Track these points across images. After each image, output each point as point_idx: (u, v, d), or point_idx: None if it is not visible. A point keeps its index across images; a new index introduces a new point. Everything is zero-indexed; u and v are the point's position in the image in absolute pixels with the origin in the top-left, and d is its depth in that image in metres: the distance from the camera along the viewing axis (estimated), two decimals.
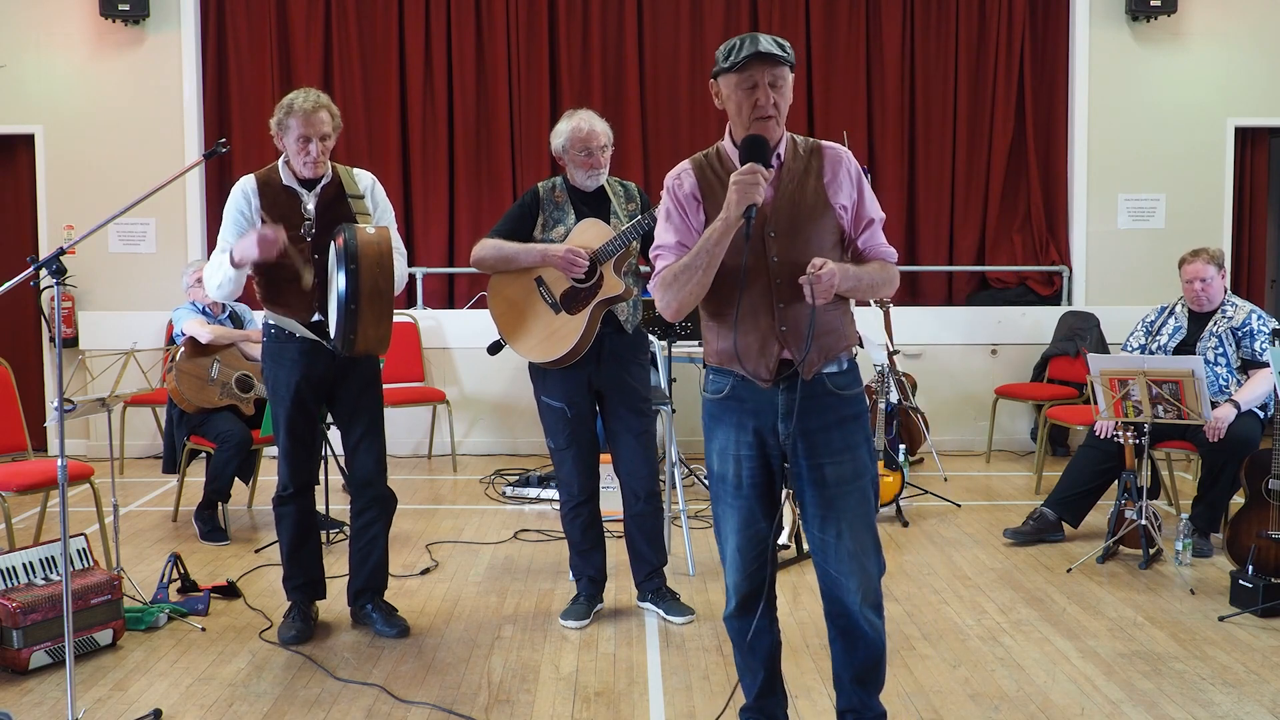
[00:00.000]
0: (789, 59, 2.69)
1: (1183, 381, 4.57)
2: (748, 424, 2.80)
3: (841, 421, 2.78)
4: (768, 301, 2.74)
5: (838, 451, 2.77)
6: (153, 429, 7.31)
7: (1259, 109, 7.83)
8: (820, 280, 2.62)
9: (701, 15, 7.87)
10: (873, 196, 2.85)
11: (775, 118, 2.71)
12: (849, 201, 2.79)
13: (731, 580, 2.90)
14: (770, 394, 2.77)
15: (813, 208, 2.75)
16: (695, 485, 6.39)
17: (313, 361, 3.91)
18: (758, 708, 3.01)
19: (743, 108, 2.70)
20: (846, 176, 2.79)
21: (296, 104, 3.81)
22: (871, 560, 2.81)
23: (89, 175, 7.55)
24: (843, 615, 2.84)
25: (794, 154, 2.79)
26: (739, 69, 2.68)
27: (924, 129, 7.92)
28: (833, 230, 2.77)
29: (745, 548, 2.85)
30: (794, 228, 2.74)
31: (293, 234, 3.85)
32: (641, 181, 7.62)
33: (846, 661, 2.90)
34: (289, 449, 3.99)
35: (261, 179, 3.92)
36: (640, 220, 3.91)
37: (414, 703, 3.47)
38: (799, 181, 2.76)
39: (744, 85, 2.69)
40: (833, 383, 2.78)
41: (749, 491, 2.82)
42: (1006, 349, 7.70)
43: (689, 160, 2.88)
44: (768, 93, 2.67)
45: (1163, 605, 4.35)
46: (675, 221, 2.83)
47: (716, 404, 2.87)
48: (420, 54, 7.79)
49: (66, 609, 3.15)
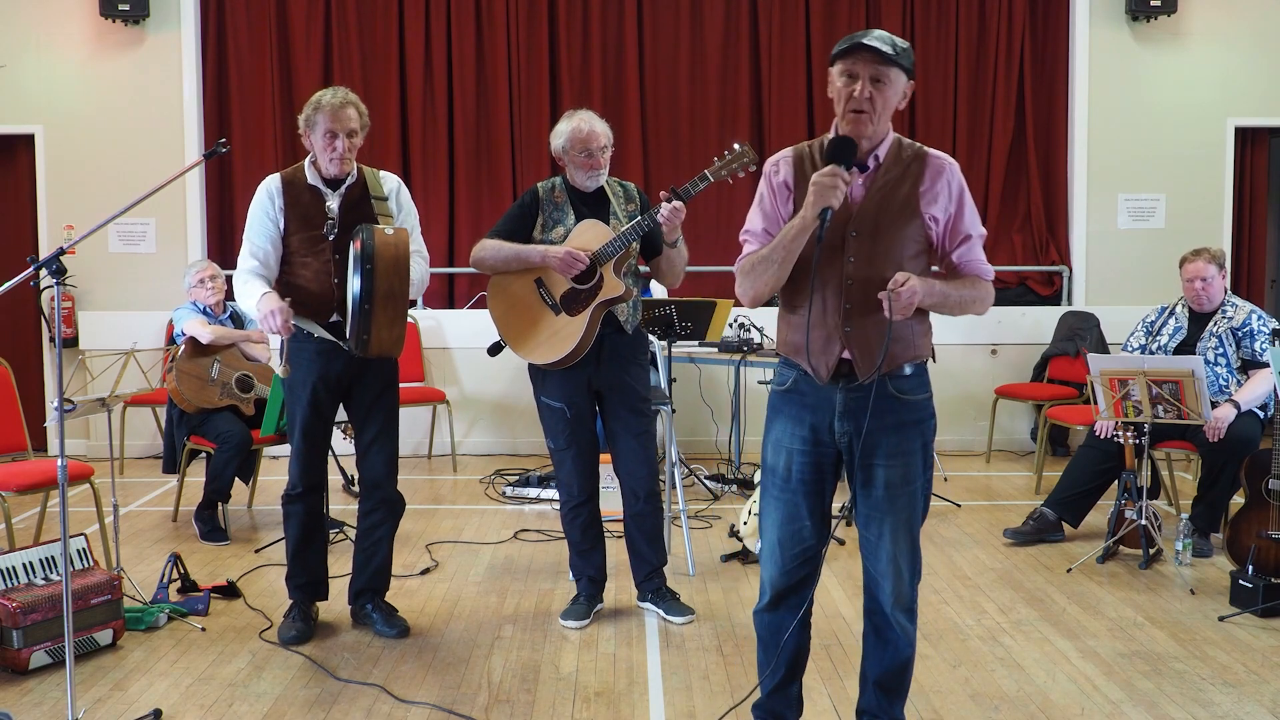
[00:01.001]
0: (899, 60, 2.64)
1: (1183, 381, 4.57)
2: (805, 418, 2.79)
3: (900, 426, 2.75)
4: (838, 301, 2.72)
5: (890, 455, 2.75)
6: (153, 429, 7.32)
7: (1259, 109, 7.83)
8: (899, 297, 2.59)
9: (701, 15, 7.87)
10: (974, 212, 2.79)
11: (870, 114, 2.65)
12: (943, 214, 2.74)
13: (767, 574, 2.88)
14: (830, 391, 2.76)
15: (899, 214, 2.71)
16: (695, 485, 6.39)
17: (330, 362, 3.91)
18: (768, 705, 3.00)
19: (840, 98, 2.67)
20: (946, 188, 2.73)
21: (324, 100, 3.82)
22: (907, 565, 2.81)
23: (89, 175, 7.56)
24: (877, 613, 2.86)
25: (896, 157, 2.74)
26: (842, 56, 2.65)
27: (924, 129, 7.92)
28: (917, 240, 2.73)
29: (785, 542, 2.83)
30: (876, 231, 2.70)
31: (315, 234, 3.86)
32: (641, 182, 7.62)
33: (874, 661, 2.92)
34: (302, 450, 3.99)
35: (286, 178, 3.92)
36: (639, 222, 3.91)
37: (414, 703, 3.47)
38: (892, 186, 2.72)
39: (844, 74, 2.66)
40: (895, 386, 2.74)
41: (797, 486, 2.81)
42: (1006, 349, 7.70)
43: (791, 148, 2.85)
44: (865, 86, 2.63)
45: (1163, 605, 4.35)
46: (765, 207, 2.82)
47: (779, 395, 2.85)
48: (420, 54, 7.80)
49: (66, 609, 3.14)
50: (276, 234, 3.87)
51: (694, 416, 7.37)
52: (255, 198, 3.90)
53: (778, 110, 7.89)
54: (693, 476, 6.49)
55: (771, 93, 7.89)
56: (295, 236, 3.87)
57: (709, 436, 7.37)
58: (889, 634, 2.86)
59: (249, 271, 3.83)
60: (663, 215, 3.82)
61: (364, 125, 3.91)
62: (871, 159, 2.72)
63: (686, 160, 7.86)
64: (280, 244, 3.88)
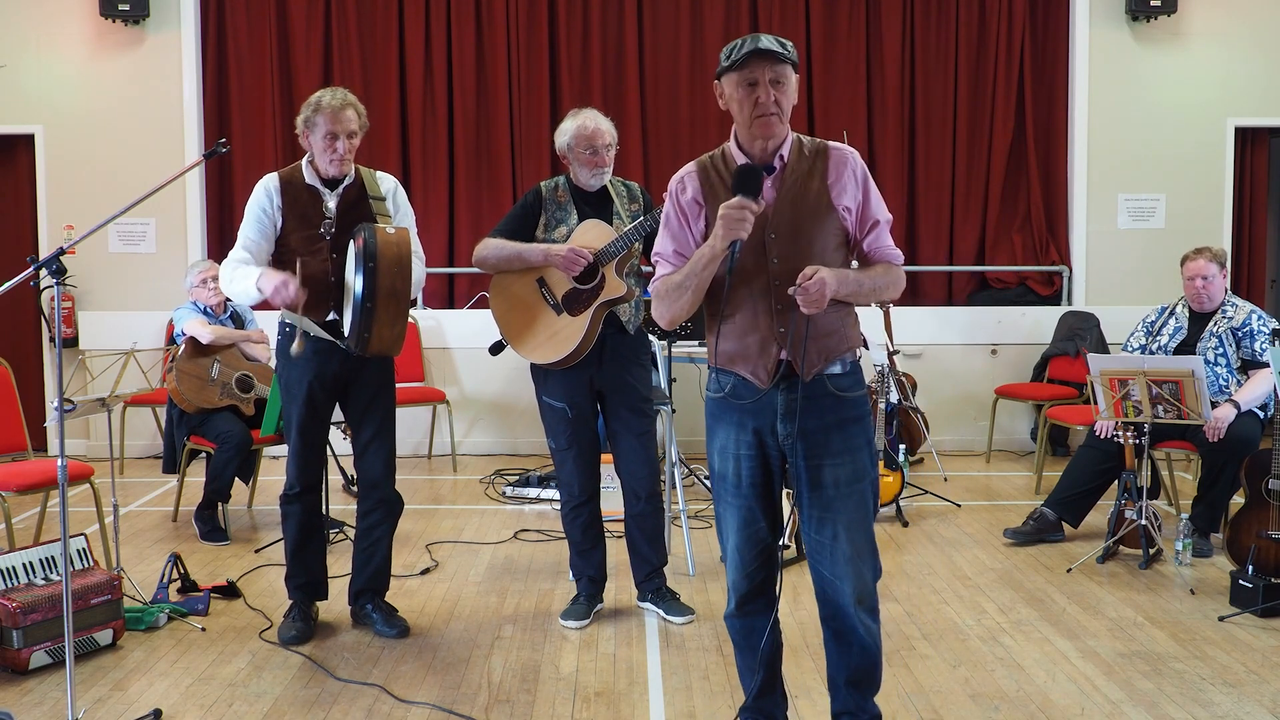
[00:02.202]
0: (791, 58, 2.68)
1: (1183, 381, 4.57)
2: (748, 423, 2.80)
3: (841, 423, 2.77)
4: (767, 303, 2.73)
5: (836, 453, 2.76)
6: (153, 429, 7.31)
7: (1259, 109, 7.83)
8: (808, 291, 2.60)
9: (701, 15, 7.87)
10: (879, 198, 2.82)
11: (778, 115, 2.69)
12: (853, 203, 2.77)
13: (731, 579, 2.90)
14: (770, 394, 2.76)
15: (814, 209, 2.74)
16: (695, 485, 6.39)
17: (326, 361, 3.91)
18: (756, 708, 3.01)
19: (744, 106, 2.69)
20: (852, 178, 2.76)
21: (324, 101, 3.83)
22: (867, 564, 2.80)
23: (89, 175, 7.55)
24: (837, 618, 2.84)
25: (799, 155, 2.77)
26: (739, 67, 2.67)
27: (924, 129, 7.92)
28: (835, 232, 2.76)
29: (744, 547, 2.85)
30: (795, 230, 2.72)
31: (313, 233, 3.86)
32: (641, 181, 7.60)
33: (841, 664, 2.90)
34: (299, 449, 3.99)
35: (284, 177, 3.92)
36: (642, 222, 3.91)
37: (414, 703, 3.47)
38: (802, 183, 2.75)
39: (745, 83, 2.68)
40: (834, 384, 2.76)
41: (748, 491, 2.82)
42: (1006, 349, 7.70)
43: (694, 163, 2.88)
44: (769, 90, 2.66)
45: (1163, 605, 4.35)
46: (674, 228, 2.83)
47: (717, 403, 2.86)
48: (420, 54, 7.79)
49: (66, 609, 3.15)
50: (271, 230, 3.88)
51: (694, 416, 7.32)
52: (253, 195, 3.90)
53: None
54: (693, 476, 6.49)
55: None
56: (293, 235, 3.88)
57: None
58: (852, 636, 2.83)
59: (238, 261, 3.83)
60: None
61: (363, 126, 3.92)
62: (776, 159, 2.75)
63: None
64: (273, 241, 3.89)
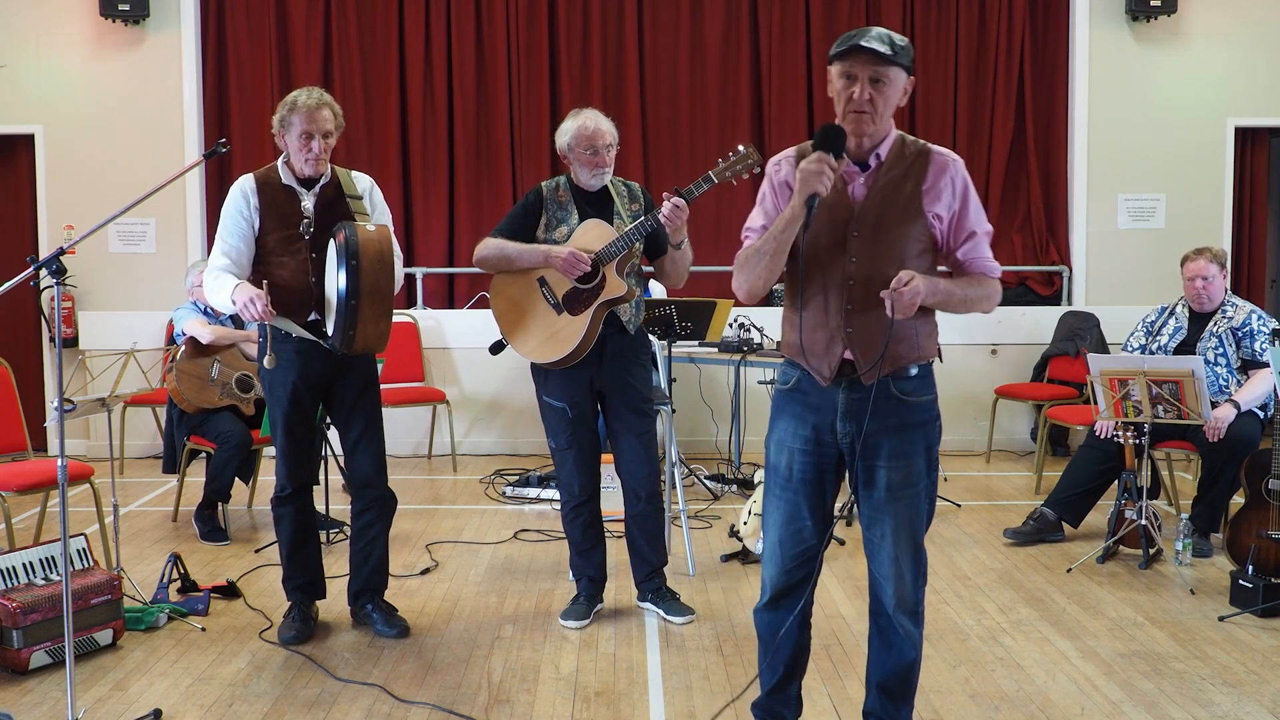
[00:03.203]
0: (898, 59, 2.62)
1: (1183, 381, 4.57)
2: (808, 418, 2.78)
3: (902, 427, 2.74)
4: (840, 301, 2.70)
5: (892, 456, 2.74)
6: (153, 429, 7.32)
7: (1259, 109, 7.83)
8: (902, 296, 2.57)
9: (701, 15, 7.87)
10: (979, 208, 2.76)
11: (870, 115, 2.64)
12: (947, 211, 2.71)
13: (768, 573, 2.88)
14: (833, 392, 2.75)
15: (903, 212, 2.69)
16: (695, 485, 6.39)
17: (309, 361, 3.91)
18: (767, 705, 3.00)
19: (840, 99, 2.66)
20: (949, 185, 2.71)
21: (300, 101, 3.82)
22: (909, 568, 2.78)
23: (89, 175, 7.55)
24: (881, 615, 2.86)
25: (898, 155, 2.72)
26: (841, 58, 2.64)
27: (924, 129, 7.92)
28: (920, 238, 2.71)
29: (786, 542, 2.82)
30: (879, 230, 2.69)
31: (291, 233, 3.85)
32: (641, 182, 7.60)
33: (878, 663, 2.91)
34: (287, 449, 3.99)
35: (260, 178, 3.92)
36: (643, 222, 3.91)
37: (414, 703, 3.47)
38: (895, 184, 2.70)
39: (843, 75, 2.65)
40: (898, 387, 2.73)
41: (798, 486, 2.80)
42: (1006, 349, 7.70)
43: (794, 147, 2.84)
44: (865, 88, 2.62)
45: (1163, 605, 4.35)
46: (766, 205, 2.82)
47: (782, 395, 2.85)
48: (420, 54, 7.80)
49: (66, 609, 3.14)
50: (250, 233, 3.87)
51: (694, 416, 7.37)
52: (229, 197, 3.90)
53: (778, 110, 7.88)
54: (693, 476, 6.49)
55: (771, 93, 7.89)
56: (271, 236, 3.87)
57: (709, 436, 7.36)
58: (892, 637, 2.85)
59: (219, 269, 3.83)
60: (663, 214, 3.82)
61: (339, 126, 3.91)
62: (873, 157, 2.71)
63: (687, 160, 7.86)
64: (253, 243, 3.88)
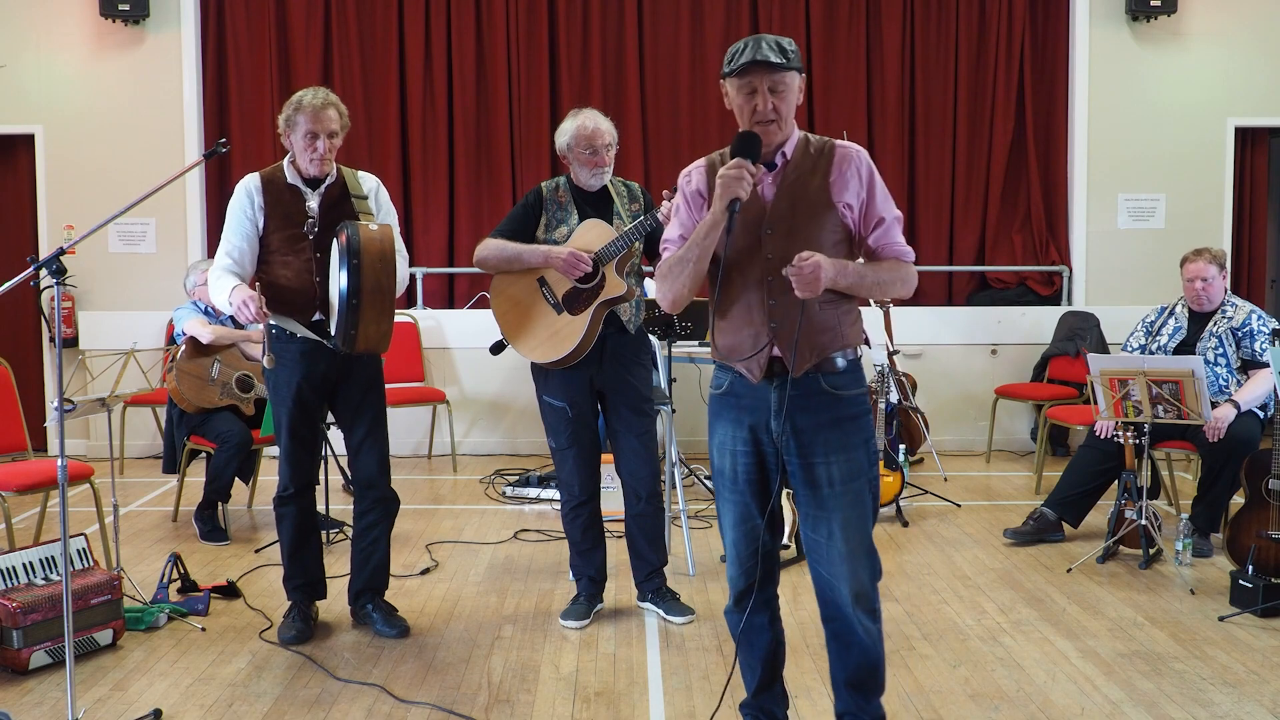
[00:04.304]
0: (791, 64, 2.68)
1: (1183, 381, 4.57)
2: (744, 420, 2.81)
3: (836, 422, 2.77)
4: (760, 298, 2.74)
5: (831, 452, 2.76)
6: (153, 429, 7.31)
7: (1259, 109, 7.82)
8: (802, 272, 2.60)
9: (701, 15, 7.87)
10: (886, 195, 2.81)
11: (776, 122, 2.71)
12: (855, 200, 2.76)
13: (730, 574, 2.92)
14: (764, 391, 2.77)
15: (813, 206, 2.74)
16: (695, 485, 6.39)
17: (314, 362, 3.91)
18: (756, 704, 3.01)
19: (743, 112, 2.72)
20: (855, 175, 2.76)
21: (305, 100, 3.82)
22: (863, 563, 2.78)
23: (89, 175, 7.55)
24: (835, 618, 2.84)
25: (803, 153, 2.78)
26: (738, 74, 2.69)
27: (924, 129, 7.92)
28: (834, 229, 2.76)
29: (740, 542, 2.87)
30: (792, 226, 2.73)
31: (295, 232, 3.86)
32: (641, 181, 7.60)
33: (840, 664, 2.90)
34: (290, 449, 3.99)
35: (265, 177, 3.92)
36: (643, 221, 3.91)
37: (414, 703, 3.47)
38: (803, 180, 2.76)
39: (744, 90, 2.71)
40: (828, 382, 2.76)
41: (744, 487, 2.84)
42: (1006, 349, 7.70)
43: (704, 158, 2.90)
44: (766, 98, 2.68)
45: (1163, 605, 4.35)
46: (681, 216, 2.87)
47: (717, 399, 2.89)
48: (420, 54, 7.79)
49: (66, 609, 3.15)
50: (254, 233, 3.88)
51: (694, 416, 7.36)
52: (234, 196, 3.90)
53: None
54: (693, 476, 6.49)
55: None
56: (276, 235, 3.87)
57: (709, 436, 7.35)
58: (852, 637, 2.83)
59: (222, 269, 3.84)
60: (663, 214, 3.82)
61: (344, 126, 3.91)
62: (779, 156, 2.76)
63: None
64: (256, 243, 3.89)
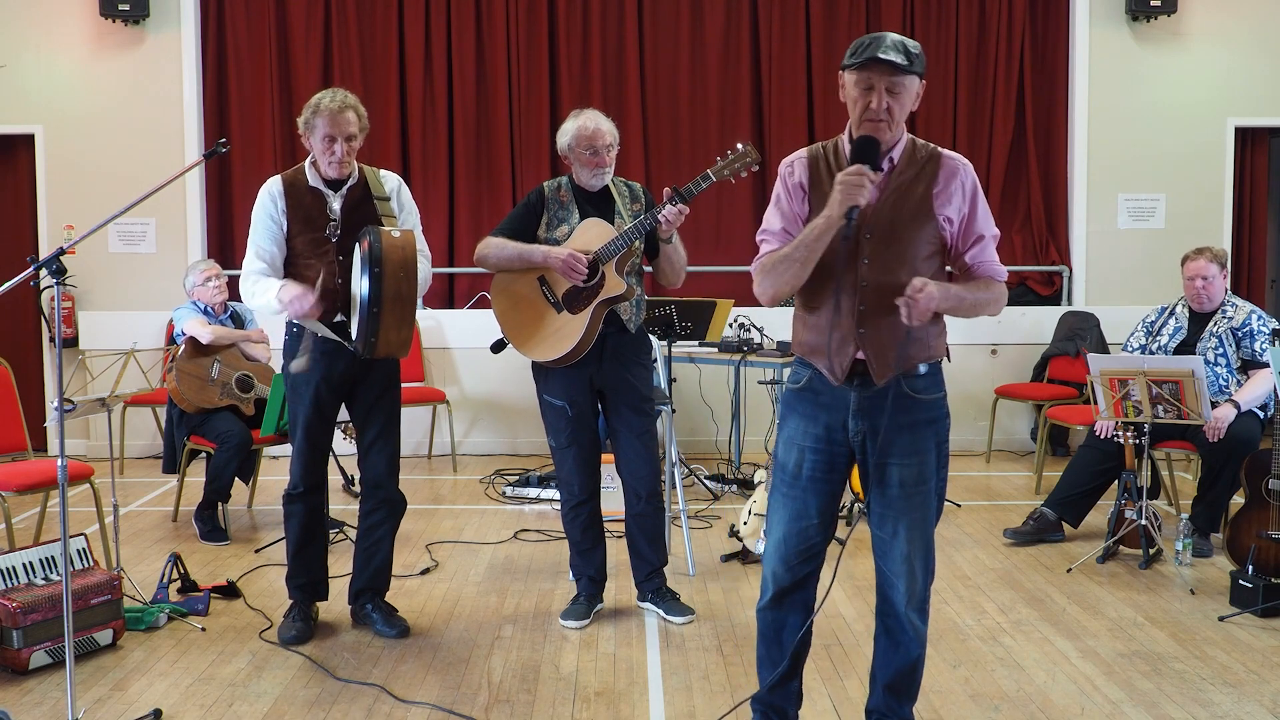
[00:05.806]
0: (913, 68, 2.65)
1: (1183, 381, 4.57)
2: (820, 417, 2.81)
3: (913, 425, 2.77)
4: (852, 303, 2.73)
5: (904, 454, 2.77)
6: (153, 429, 7.31)
7: (1259, 109, 7.83)
8: (918, 304, 2.60)
9: (701, 15, 7.88)
10: (987, 212, 2.79)
11: (887, 122, 2.68)
12: (956, 214, 2.75)
13: (770, 570, 2.89)
14: (844, 391, 2.77)
15: (914, 215, 2.72)
16: (695, 485, 6.39)
17: (333, 362, 3.92)
18: (769, 699, 3.00)
19: (856, 107, 2.70)
20: (959, 189, 2.74)
21: (323, 104, 3.82)
22: (920, 564, 2.82)
23: (89, 175, 7.55)
24: (890, 614, 2.87)
25: (910, 159, 2.76)
26: (858, 68, 2.67)
27: (924, 129, 7.91)
28: (931, 240, 2.75)
29: (790, 539, 2.85)
30: (891, 233, 2.72)
31: (318, 235, 3.86)
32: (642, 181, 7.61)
33: (885, 661, 2.92)
34: (303, 448, 3.99)
35: (288, 180, 3.92)
36: (642, 220, 3.91)
37: (414, 703, 3.47)
38: (906, 188, 2.74)
39: (860, 85, 2.68)
40: (909, 385, 2.76)
41: (806, 484, 2.82)
42: (1006, 349, 7.70)
43: (806, 149, 2.87)
44: (881, 97, 2.65)
45: (1163, 605, 4.35)
46: (783, 207, 2.83)
47: (793, 394, 2.88)
48: (420, 54, 7.80)
49: (66, 609, 3.14)
50: (280, 236, 3.88)
51: (694, 416, 7.37)
52: (258, 201, 3.90)
53: (778, 110, 7.88)
54: (693, 476, 6.49)
55: (771, 93, 7.89)
56: (299, 239, 3.88)
57: (709, 436, 7.36)
58: (900, 635, 2.86)
59: (257, 273, 3.85)
60: (666, 218, 3.82)
61: (363, 128, 3.91)
62: (886, 161, 2.74)
63: (687, 160, 7.86)
64: (284, 246, 3.89)
